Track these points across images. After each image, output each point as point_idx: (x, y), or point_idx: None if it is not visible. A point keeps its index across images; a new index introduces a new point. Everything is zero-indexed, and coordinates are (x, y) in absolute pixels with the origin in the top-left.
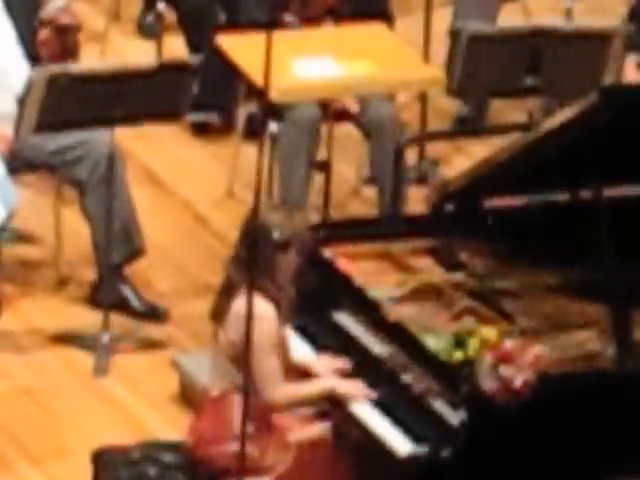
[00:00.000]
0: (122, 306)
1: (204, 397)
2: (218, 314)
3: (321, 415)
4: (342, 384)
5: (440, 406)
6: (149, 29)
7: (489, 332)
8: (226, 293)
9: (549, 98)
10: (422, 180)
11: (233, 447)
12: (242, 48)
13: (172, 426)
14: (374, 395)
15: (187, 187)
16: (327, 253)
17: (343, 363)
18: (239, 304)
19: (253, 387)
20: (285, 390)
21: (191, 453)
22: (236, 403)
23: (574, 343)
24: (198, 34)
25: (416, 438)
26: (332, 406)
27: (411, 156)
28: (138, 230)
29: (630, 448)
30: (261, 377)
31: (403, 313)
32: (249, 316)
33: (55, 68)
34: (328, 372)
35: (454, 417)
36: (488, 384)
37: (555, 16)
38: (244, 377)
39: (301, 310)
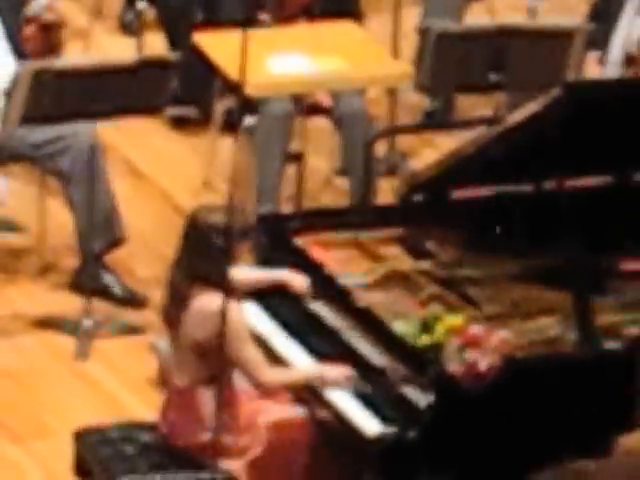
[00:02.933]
0: (103, 292)
1: (170, 387)
2: (171, 320)
3: (296, 398)
4: (330, 370)
5: (408, 389)
6: (130, 26)
7: (455, 318)
8: (175, 299)
9: (513, 93)
10: (392, 172)
11: (205, 437)
12: (219, 45)
13: (150, 407)
14: (357, 381)
15: (166, 178)
16: (300, 241)
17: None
18: (199, 303)
19: (228, 377)
20: (276, 375)
21: (164, 441)
22: (203, 395)
23: (537, 328)
24: (177, 31)
25: (385, 419)
26: (306, 389)
27: (381, 149)
28: (119, 219)
29: (589, 428)
30: (249, 365)
31: (372, 299)
32: (224, 313)
33: (40, 63)
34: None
35: (422, 399)
36: (454, 367)
37: (519, 15)
38: (219, 368)
39: (274, 297)
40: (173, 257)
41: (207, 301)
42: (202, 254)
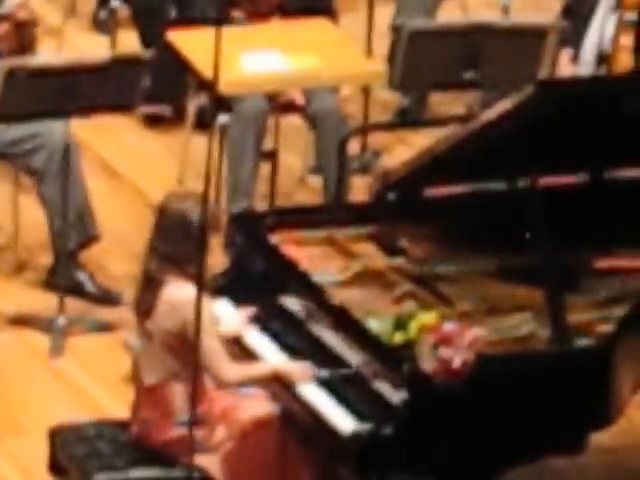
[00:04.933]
0: (77, 290)
1: (139, 387)
2: (143, 308)
3: (270, 396)
4: (288, 366)
5: (382, 386)
6: (103, 24)
7: (429, 315)
8: (147, 286)
9: (487, 91)
10: (365, 170)
11: (177, 433)
12: (192, 43)
13: (124, 404)
14: (317, 375)
15: (140, 176)
16: (274, 239)
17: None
18: (168, 293)
19: (198, 370)
20: (235, 370)
21: (137, 442)
22: (173, 391)
23: (510, 325)
24: (150, 29)
25: (359, 417)
26: (279, 386)
27: (354, 146)
28: (92, 217)
29: (562, 425)
30: (209, 358)
31: (346, 297)
32: (198, 305)
33: (13, 62)
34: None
35: (395, 396)
36: (428, 364)
37: (492, 13)
38: (193, 363)
39: (249, 294)
40: (145, 247)
41: (175, 291)
42: (173, 238)
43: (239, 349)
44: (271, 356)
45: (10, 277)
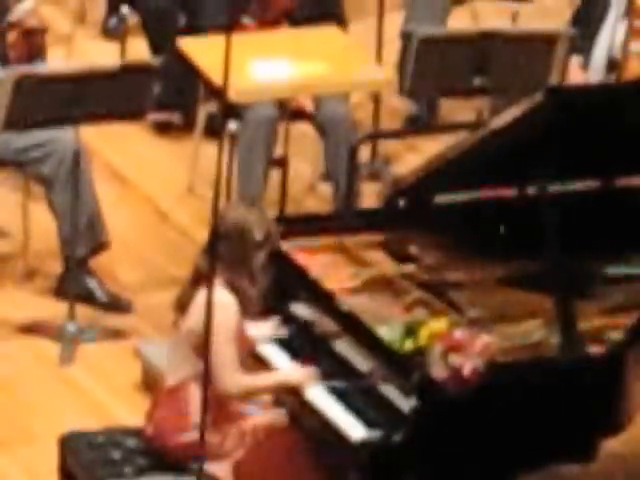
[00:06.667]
0: (87, 297)
1: (160, 386)
2: (182, 303)
3: (278, 402)
4: (295, 376)
5: (392, 393)
6: (113, 31)
7: (439, 322)
8: (192, 284)
9: (496, 98)
10: (375, 176)
11: (191, 436)
12: (202, 50)
13: (135, 412)
14: (327, 382)
15: (150, 183)
16: (284, 246)
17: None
18: (203, 294)
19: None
20: (240, 380)
21: (150, 443)
22: (192, 393)
23: (521, 332)
24: (160, 36)
25: (369, 424)
26: (288, 393)
27: (364, 153)
28: (102, 225)
29: (573, 432)
30: (217, 365)
31: (356, 304)
32: (209, 306)
33: (23, 69)
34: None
35: (405, 403)
36: (438, 372)
37: (502, 20)
38: (205, 365)
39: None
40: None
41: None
42: (227, 245)
43: (253, 359)
44: (283, 364)
45: (20, 285)
